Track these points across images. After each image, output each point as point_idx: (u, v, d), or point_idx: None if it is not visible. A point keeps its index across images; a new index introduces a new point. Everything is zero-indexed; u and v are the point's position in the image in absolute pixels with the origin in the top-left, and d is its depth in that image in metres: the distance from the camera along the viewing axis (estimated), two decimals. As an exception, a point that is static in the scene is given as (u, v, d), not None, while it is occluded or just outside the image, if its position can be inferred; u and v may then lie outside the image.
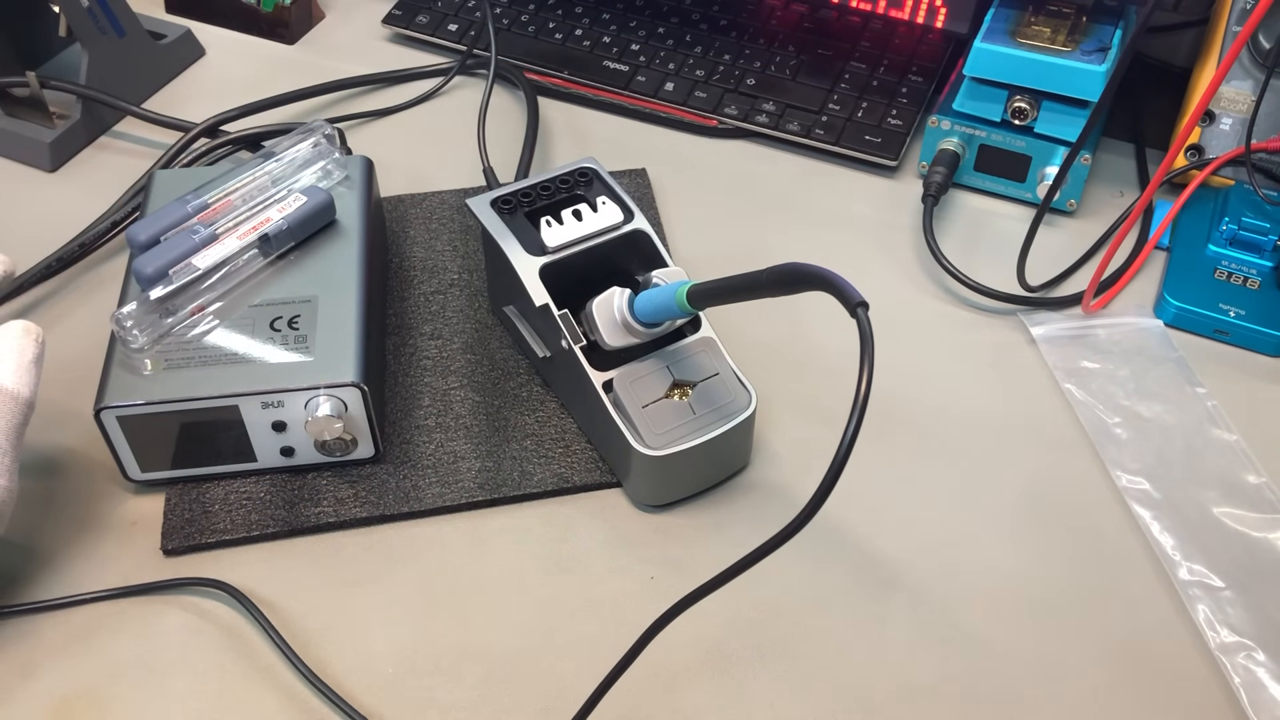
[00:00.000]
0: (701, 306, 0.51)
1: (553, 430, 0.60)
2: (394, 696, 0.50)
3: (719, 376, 0.56)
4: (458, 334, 0.65)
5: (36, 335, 0.53)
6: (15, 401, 0.51)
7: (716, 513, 0.57)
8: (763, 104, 0.78)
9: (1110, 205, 0.74)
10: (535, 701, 0.50)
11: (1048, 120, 0.69)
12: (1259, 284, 0.66)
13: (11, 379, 0.51)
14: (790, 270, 0.44)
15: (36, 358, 0.52)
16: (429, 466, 0.58)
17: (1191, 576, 0.54)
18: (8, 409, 0.50)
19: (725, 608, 0.53)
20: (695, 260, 0.70)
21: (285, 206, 0.60)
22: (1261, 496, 0.57)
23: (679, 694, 0.50)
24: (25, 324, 0.53)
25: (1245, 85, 0.69)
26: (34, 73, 0.75)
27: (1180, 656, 0.51)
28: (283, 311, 0.57)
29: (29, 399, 0.51)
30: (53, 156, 0.76)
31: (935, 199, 0.71)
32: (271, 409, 0.55)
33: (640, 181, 0.75)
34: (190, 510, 0.56)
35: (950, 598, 0.54)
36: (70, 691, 0.50)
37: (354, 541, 0.56)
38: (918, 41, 0.82)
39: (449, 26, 0.85)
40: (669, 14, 0.85)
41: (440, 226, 0.71)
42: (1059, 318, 0.66)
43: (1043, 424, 0.61)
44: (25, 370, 0.51)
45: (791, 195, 0.75)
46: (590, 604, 0.53)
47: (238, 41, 0.88)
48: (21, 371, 0.51)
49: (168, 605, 0.54)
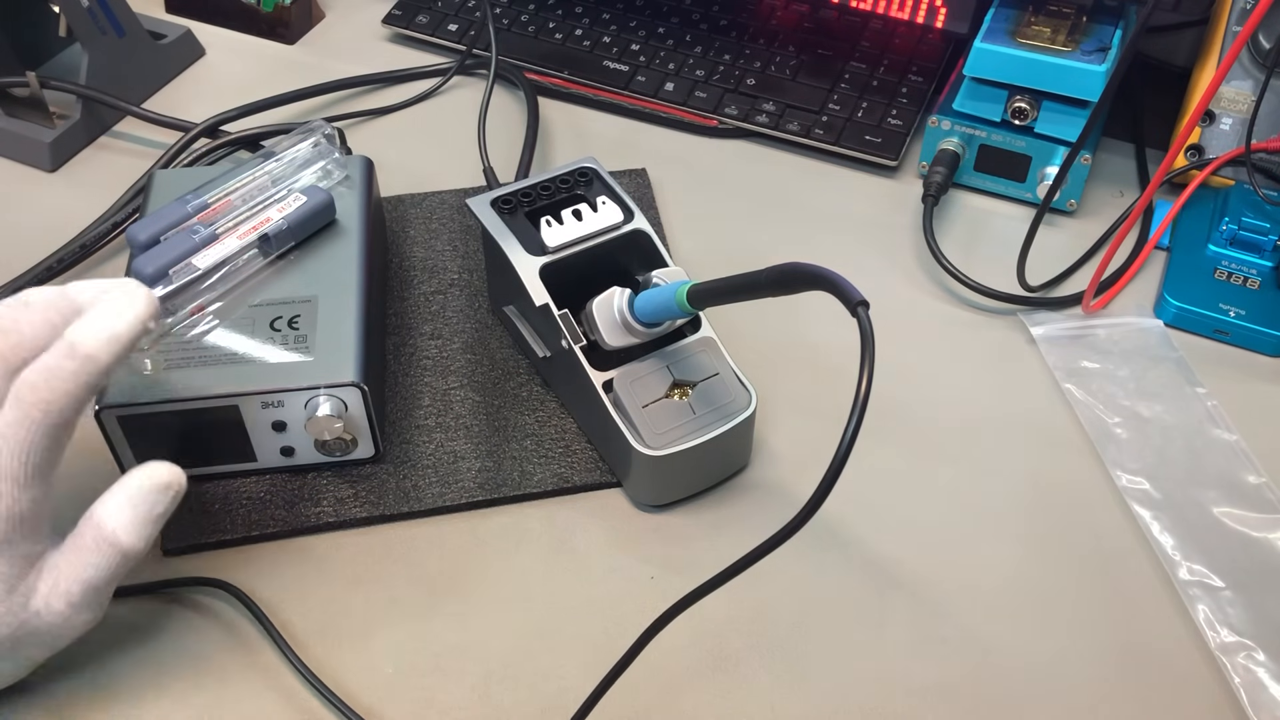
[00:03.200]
0: (701, 306, 0.51)
1: (553, 430, 0.60)
2: (394, 696, 0.50)
3: (719, 376, 0.56)
4: (458, 334, 0.65)
5: (176, 493, 0.47)
6: (124, 557, 0.47)
7: (716, 513, 0.57)
8: (763, 104, 0.78)
9: (1110, 205, 0.74)
10: (535, 701, 0.50)
11: (1048, 120, 0.69)
12: (1259, 284, 0.66)
13: (130, 535, 0.46)
14: (790, 270, 0.44)
15: (164, 514, 0.48)
16: (429, 466, 0.58)
17: (1191, 576, 0.54)
18: (114, 561, 0.46)
19: (725, 608, 0.53)
20: (695, 260, 0.70)
21: (285, 206, 0.60)
22: (1261, 496, 0.57)
23: (679, 694, 0.50)
24: (169, 478, 0.47)
25: (1245, 85, 0.69)
26: (34, 73, 0.75)
27: (1180, 656, 0.51)
28: (283, 311, 0.57)
29: (140, 553, 0.47)
30: (53, 156, 0.76)
31: (935, 199, 0.71)
32: (271, 409, 0.55)
33: (640, 181, 0.75)
34: (190, 510, 0.56)
35: (950, 598, 0.54)
36: (70, 691, 0.50)
37: (354, 541, 0.56)
38: (918, 41, 0.82)
39: (449, 26, 0.85)
40: (669, 14, 0.85)
41: (440, 226, 0.71)
42: (1059, 318, 0.66)
43: (1043, 424, 0.61)
44: (148, 525, 0.47)
45: (791, 195, 0.75)
46: (590, 604, 0.53)
47: (238, 41, 0.88)
48: (144, 526, 0.47)
49: (168, 605, 0.54)
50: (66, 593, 0.46)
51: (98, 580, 0.47)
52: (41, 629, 0.46)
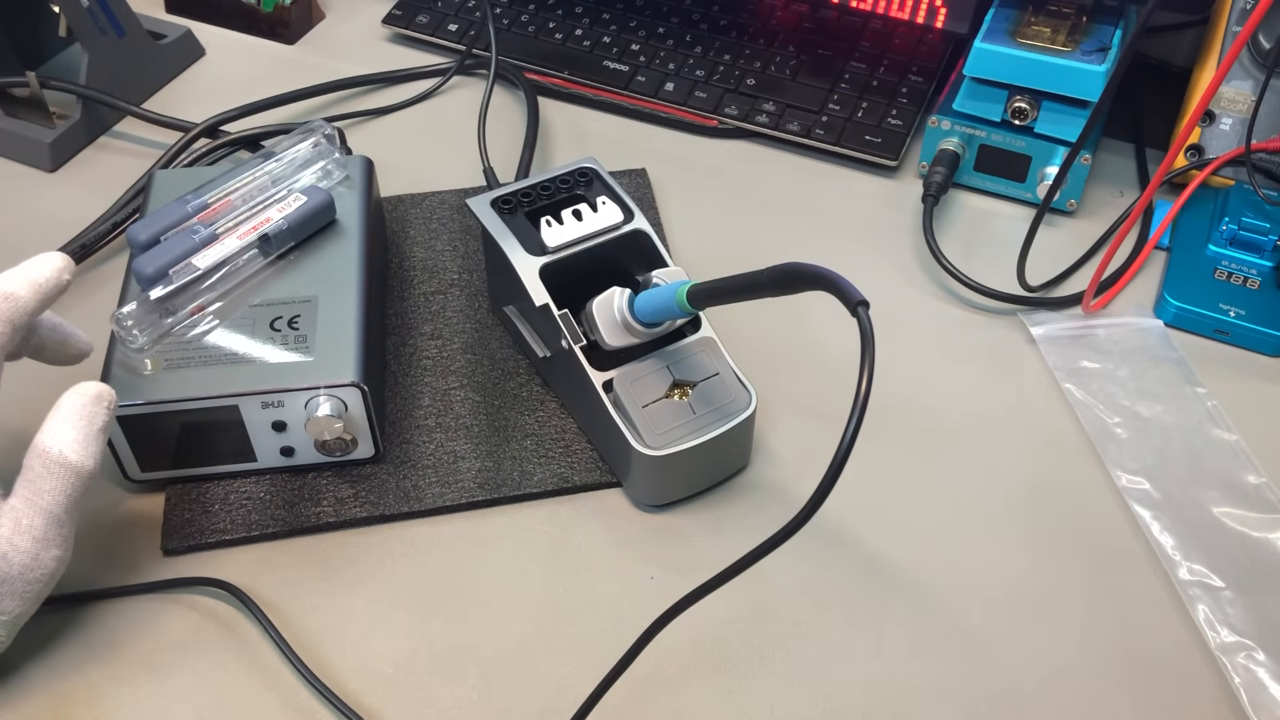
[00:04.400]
0: (701, 306, 0.51)
1: (553, 430, 0.60)
2: (394, 696, 0.50)
3: (719, 376, 0.56)
4: (458, 334, 0.65)
5: (109, 403, 0.50)
6: (77, 475, 0.48)
7: (716, 513, 0.57)
8: (763, 104, 0.78)
9: (1110, 205, 0.74)
10: (535, 701, 0.50)
11: (1048, 120, 0.69)
12: (1259, 284, 0.66)
13: (78, 451, 0.48)
14: (790, 270, 0.44)
15: (105, 426, 0.49)
16: (429, 466, 0.58)
17: (1191, 576, 0.54)
18: (68, 482, 0.48)
19: (725, 608, 0.53)
20: (695, 260, 0.70)
21: (285, 206, 0.60)
22: (1261, 496, 0.57)
23: (679, 694, 0.50)
24: (99, 390, 0.50)
25: (1245, 85, 0.69)
26: (34, 73, 0.75)
27: (1180, 656, 0.51)
28: (283, 311, 0.57)
29: (92, 470, 0.49)
30: (53, 156, 0.76)
31: (935, 199, 0.71)
32: (271, 409, 0.55)
33: (640, 181, 0.75)
34: (190, 510, 0.56)
35: (950, 598, 0.54)
36: (70, 691, 0.50)
37: (354, 541, 0.56)
38: (918, 41, 0.82)
39: (449, 26, 0.85)
40: (669, 14, 0.85)
41: (440, 226, 0.71)
42: (1059, 318, 0.66)
43: (1043, 424, 0.61)
44: (92, 440, 0.49)
45: (791, 195, 0.75)
46: (590, 604, 0.53)
47: (238, 41, 0.88)
48: (88, 442, 0.48)
49: (168, 605, 0.54)
50: (30, 528, 0.47)
51: (56, 508, 0.48)
52: (13, 574, 0.47)
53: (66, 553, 0.49)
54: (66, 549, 0.49)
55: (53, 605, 0.53)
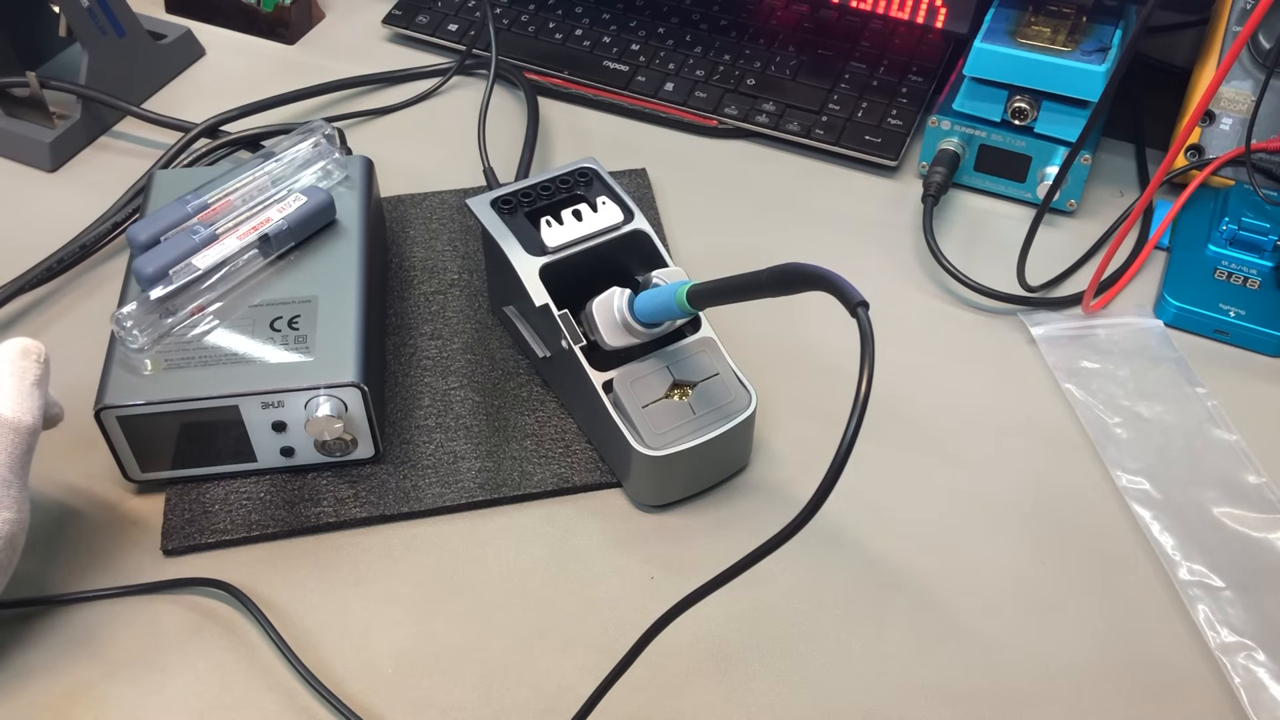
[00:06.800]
0: (701, 307, 0.51)
1: (553, 430, 0.60)
2: (394, 696, 0.50)
3: (719, 376, 0.56)
4: (458, 334, 0.65)
5: (38, 355, 0.49)
6: (16, 431, 0.48)
7: (716, 513, 0.57)
8: (763, 104, 0.78)
9: (1110, 205, 0.74)
10: (535, 701, 0.50)
11: (1048, 120, 0.69)
12: (1259, 284, 0.66)
13: (11, 407, 0.48)
14: (790, 270, 0.44)
15: (38, 380, 0.49)
16: (429, 466, 0.58)
17: (1191, 576, 0.54)
18: (9, 439, 0.48)
19: (725, 608, 0.53)
20: (695, 260, 0.70)
21: (285, 206, 0.60)
22: (1261, 496, 0.57)
23: (679, 694, 0.50)
24: (25, 344, 0.49)
25: (1245, 85, 0.69)
26: (34, 73, 0.75)
27: (1180, 656, 0.51)
28: (283, 311, 0.57)
29: (32, 425, 0.48)
30: (53, 156, 0.76)
31: (935, 199, 0.71)
32: (271, 409, 0.55)
33: (640, 181, 0.75)
34: (190, 510, 0.56)
35: (950, 598, 0.54)
36: (70, 691, 0.50)
37: (354, 541, 0.56)
38: (918, 41, 0.82)
39: (449, 26, 0.85)
40: (669, 14, 0.85)
41: (440, 226, 0.71)
42: (1059, 318, 0.66)
43: (1043, 424, 0.61)
44: (26, 395, 0.48)
45: (791, 195, 0.75)
46: (590, 604, 0.53)
47: (238, 41, 0.88)
48: (22, 397, 0.48)
49: (168, 605, 0.54)
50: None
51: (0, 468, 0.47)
52: None
53: (21, 515, 0.48)
54: (20, 510, 0.48)
55: (53, 605, 0.53)
